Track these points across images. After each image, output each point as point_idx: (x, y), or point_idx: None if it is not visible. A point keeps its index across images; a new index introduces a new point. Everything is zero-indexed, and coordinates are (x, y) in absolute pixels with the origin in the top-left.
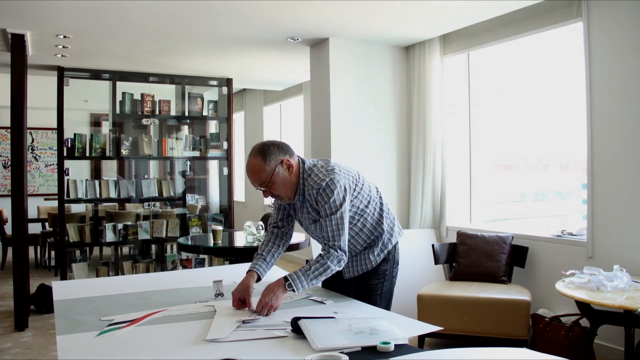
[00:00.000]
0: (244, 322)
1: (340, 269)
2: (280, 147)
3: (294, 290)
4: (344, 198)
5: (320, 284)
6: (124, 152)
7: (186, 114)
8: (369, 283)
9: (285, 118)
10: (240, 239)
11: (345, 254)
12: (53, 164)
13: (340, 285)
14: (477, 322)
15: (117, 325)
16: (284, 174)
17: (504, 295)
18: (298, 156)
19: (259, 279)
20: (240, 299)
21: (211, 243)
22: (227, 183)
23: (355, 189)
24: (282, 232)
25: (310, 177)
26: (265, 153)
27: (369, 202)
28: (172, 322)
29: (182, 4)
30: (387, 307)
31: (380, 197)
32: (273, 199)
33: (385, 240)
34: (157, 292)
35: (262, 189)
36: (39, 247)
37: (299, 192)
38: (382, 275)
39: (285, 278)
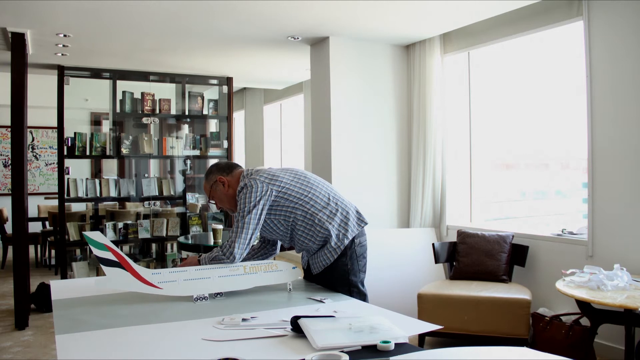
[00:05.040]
0: (243, 320)
1: (236, 261)
2: (219, 168)
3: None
4: (254, 205)
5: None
6: (124, 151)
7: (186, 113)
8: (333, 277)
9: (286, 117)
10: None
11: (235, 257)
12: (53, 163)
13: (319, 280)
14: (477, 321)
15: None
16: (220, 189)
17: (504, 294)
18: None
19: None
20: None
21: (211, 242)
22: None
23: (280, 193)
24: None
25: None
26: (207, 174)
27: (300, 204)
28: (171, 321)
29: (183, 3)
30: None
31: (329, 199)
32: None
33: (339, 238)
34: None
35: (212, 202)
36: (39, 246)
37: None
38: (342, 268)
39: (199, 260)
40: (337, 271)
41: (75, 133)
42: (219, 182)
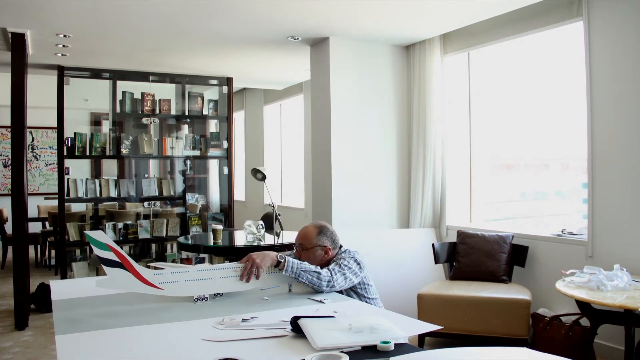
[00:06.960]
0: (243, 320)
1: (324, 289)
2: (333, 238)
3: (280, 266)
4: (355, 273)
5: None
6: (124, 151)
7: (186, 113)
8: None
9: (286, 117)
10: (241, 238)
11: (332, 286)
12: (53, 163)
13: None
14: (477, 321)
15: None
16: (320, 254)
17: (504, 294)
18: (341, 246)
19: (278, 264)
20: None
21: (211, 242)
22: (227, 182)
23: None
24: None
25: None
26: (321, 230)
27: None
28: (171, 322)
29: (182, 4)
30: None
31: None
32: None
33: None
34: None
35: (297, 247)
36: (39, 246)
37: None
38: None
39: (280, 256)
40: None
41: (75, 133)
42: (324, 250)
